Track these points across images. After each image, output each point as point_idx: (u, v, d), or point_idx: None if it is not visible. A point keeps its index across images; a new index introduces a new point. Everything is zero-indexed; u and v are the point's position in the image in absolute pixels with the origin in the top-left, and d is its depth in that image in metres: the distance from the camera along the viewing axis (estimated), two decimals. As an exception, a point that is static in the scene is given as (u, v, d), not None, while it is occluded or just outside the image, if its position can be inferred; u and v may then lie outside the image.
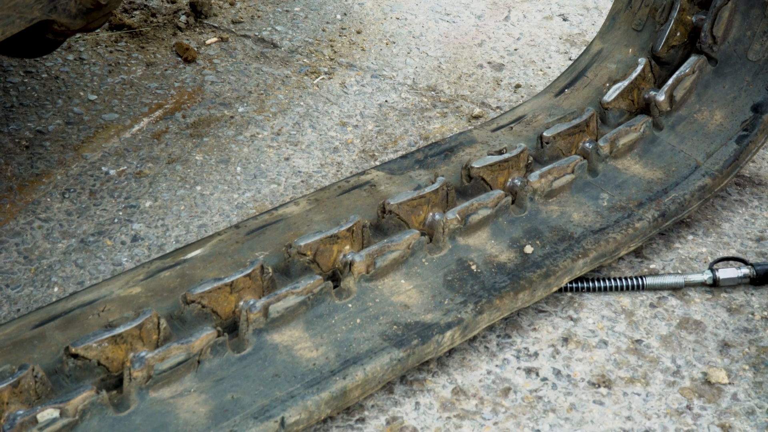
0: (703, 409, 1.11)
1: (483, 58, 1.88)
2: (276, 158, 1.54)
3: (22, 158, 1.50)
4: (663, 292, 1.28)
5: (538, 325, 1.22)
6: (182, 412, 0.95)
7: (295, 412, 0.97)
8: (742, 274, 1.28)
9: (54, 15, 1.12)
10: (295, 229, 1.20)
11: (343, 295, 1.10)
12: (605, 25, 1.55)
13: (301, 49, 1.88)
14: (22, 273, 1.28)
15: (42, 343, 1.00)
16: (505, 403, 1.11)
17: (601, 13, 2.07)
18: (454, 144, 1.39)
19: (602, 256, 1.23)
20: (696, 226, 1.40)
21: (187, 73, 1.77)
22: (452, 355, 1.17)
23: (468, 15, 2.05)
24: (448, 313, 1.10)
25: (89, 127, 1.59)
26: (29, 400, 0.92)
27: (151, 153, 1.54)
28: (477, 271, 1.16)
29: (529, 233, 1.23)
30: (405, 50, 1.90)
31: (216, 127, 1.62)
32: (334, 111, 1.69)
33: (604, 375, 1.15)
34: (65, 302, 1.06)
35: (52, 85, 1.69)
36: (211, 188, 1.46)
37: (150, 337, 1.00)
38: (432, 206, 1.21)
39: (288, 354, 1.03)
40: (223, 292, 1.05)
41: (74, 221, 1.38)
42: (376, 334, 1.07)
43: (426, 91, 1.76)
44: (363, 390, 1.03)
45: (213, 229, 1.37)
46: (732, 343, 1.20)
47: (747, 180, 1.51)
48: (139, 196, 1.43)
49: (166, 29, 1.90)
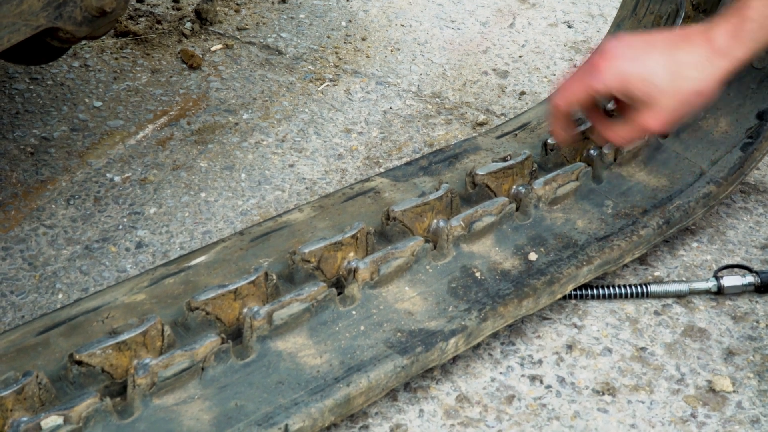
0: (707, 417, 1.11)
1: (488, 65, 1.89)
2: (280, 165, 1.55)
3: (27, 165, 1.50)
4: (667, 299, 1.27)
5: (542, 332, 1.22)
6: (186, 419, 0.95)
7: (298, 420, 0.97)
8: (747, 282, 1.27)
9: (59, 22, 1.13)
10: (300, 235, 1.20)
11: (347, 302, 1.10)
12: (610, 32, 1.55)
13: (306, 56, 1.88)
14: (26, 279, 1.28)
15: (46, 350, 1.00)
16: (509, 410, 1.11)
17: (606, 20, 2.07)
18: (458, 151, 1.39)
19: (606, 264, 1.22)
20: (700, 233, 1.40)
21: (192, 79, 1.78)
22: (456, 362, 1.17)
23: (473, 22, 2.05)
24: (452, 320, 1.10)
25: (94, 134, 1.60)
26: (33, 407, 0.92)
27: (156, 160, 1.54)
28: (481, 278, 1.16)
29: (534, 240, 1.23)
30: (410, 57, 1.91)
31: (221, 133, 1.62)
32: (338, 118, 1.69)
33: (609, 383, 1.15)
34: (69, 309, 1.06)
35: (57, 92, 1.70)
36: (215, 195, 1.47)
37: (154, 343, 1.00)
38: (436, 213, 1.21)
39: (292, 361, 1.03)
40: (227, 299, 1.05)
41: (79, 228, 1.38)
42: (380, 341, 1.06)
43: (430, 98, 1.76)
44: (367, 397, 1.03)
45: (217, 235, 1.37)
46: (737, 351, 1.20)
47: (752, 187, 1.51)
48: (143, 202, 1.44)
49: (172, 36, 1.90)
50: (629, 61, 1.13)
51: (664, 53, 1.12)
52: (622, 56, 1.14)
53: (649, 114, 1.13)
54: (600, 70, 1.14)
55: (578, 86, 1.16)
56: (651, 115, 1.13)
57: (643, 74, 1.12)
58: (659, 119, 1.13)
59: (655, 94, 1.12)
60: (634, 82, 1.12)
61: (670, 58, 1.12)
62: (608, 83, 1.14)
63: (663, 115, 1.13)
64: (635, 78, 1.12)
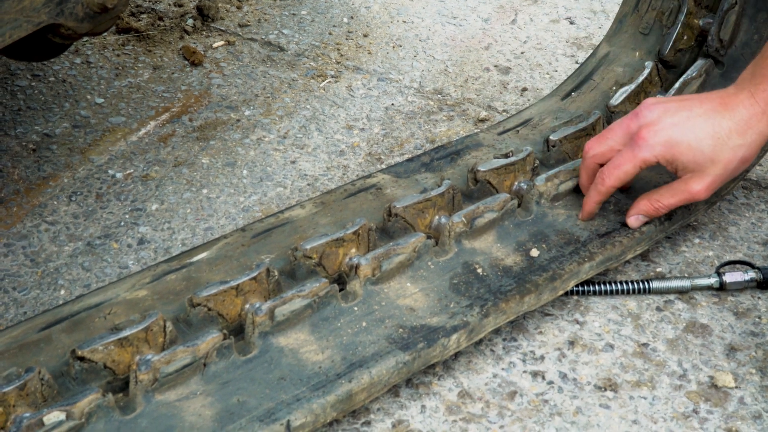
0: (709, 413, 1.11)
1: (489, 62, 1.88)
2: (282, 161, 1.55)
3: (29, 161, 1.50)
4: (669, 295, 1.27)
5: (544, 328, 1.22)
6: (188, 415, 0.95)
7: (300, 415, 0.97)
8: (749, 278, 1.27)
9: (61, 19, 1.13)
10: (301, 232, 1.20)
11: (349, 298, 1.10)
12: (612, 28, 1.55)
13: (308, 53, 1.88)
14: (28, 276, 1.28)
15: (48, 346, 1.01)
16: (511, 406, 1.11)
17: (608, 16, 2.07)
18: (460, 147, 1.39)
19: (608, 260, 1.22)
20: (703, 229, 1.40)
21: (193, 76, 1.77)
22: (458, 358, 1.17)
23: (475, 18, 2.05)
24: (454, 316, 1.10)
25: (96, 131, 1.60)
26: (35, 403, 0.92)
27: (158, 156, 1.54)
28: (483, 274, 1.16)
29: (535, 236, 1.23)
30: (411, 53, 1.91)
31: (222, 130, 1.62)
32: (340, 114, 1.69)
33: (611, 378, 1.15)
34: (71, 305, 1.06)
35: (59, 89, 1.70)
36: (217, 191, 1.47)
37: (156, 340, 1.00)
38: (438, 209, 1.21)
39: (294, 357, 1.03)
40: (229, 295, 1.05)
41: (81, 224, 1.38)
42: (382, 337, 1.06)
43: (432, 95, 1.76)
44: (369, 393, 1.03)
45: (219, 232, 1.37)
46: (739, 346, 1.20)
47: (754, 183, 1.51)
48: (145, 199, 1.44)
49: (173, 33, 1.90)
50: (674, 128, 1.13)
51: (707, 120, 1.12)
52: (665, 124, 1.14)
53: (695, 181, 1.14)
54: (647, 141, 1.14)
55: (628, 162, 1.16)
56: (697, 182, 1.14)
57: (690, 142, 1.12)
58: (705, 186, 1.14)
59: (703, 161, 1.12)
60: (682, 150, 1.12)
61: (714, 124, 1.12)
62: (658, 153, 1.13)
63: (708, 182, 1.14)
64: (683, 146, 1.12)
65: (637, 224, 1.23)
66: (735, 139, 1.12)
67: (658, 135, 1.14)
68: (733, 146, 1.12)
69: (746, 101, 1.12)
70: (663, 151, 1.13)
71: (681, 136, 1.13)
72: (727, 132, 1.12)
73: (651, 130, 1.14)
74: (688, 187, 1.15)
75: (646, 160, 1.15)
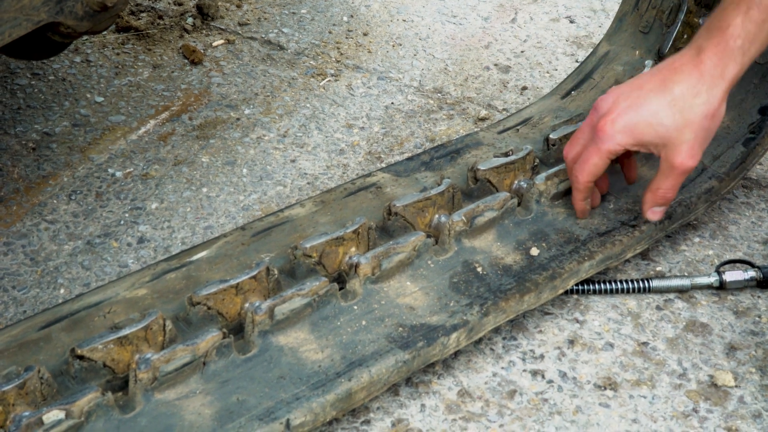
0: (709, 412, 1.11)
1: (489, 60, 1.88)
2: (282, 160, 1.55)
3: (28, 160, 1.50)
4: (669, 294, 1.27)
5: (543, 327, 1.22)
6: (188, 414, 0.95)
7: (300, 414, 0.97)
8: (749, 277, 1.27)
9: (61, 17, 1.13)
10: (301, 230, 1.20)
11: (349, 297, 1.10)
12: (612, 27, 1.54)
13: (308, 51, 1.88)
14: (28, 275, 1.28)
15: (48, 345, 1.00)
16: (511, 405, 1.11)
17: (608, 15, 2.07)
18: (460, 146, 1.39)
19: (608, 259, 1.22)
20: (703, 228, 1.40)
21: (193, 75, 1.77)
22: (458, 357, 1.17)
23: (474, 17, 2.05)
24: (453, 315, 1.10)
25: (96, 129, 1.60)
26: (35, 402, 0.92)
27: (158, 155, 1.54)
28: (483, 273, 1.16)
29: (535, 235, 1.23)
30: (411, 52, 1.91)
31: (222, 129, 1.62)
32: (340, 113, 1.69)
33: (610, 377, 1.15)
34: (71, 304, 1.06)
35: (59, 87, 1.70)
36: (217, 190, 1.47)
37: (156, 338, 1.00)
38: (438, 208, 1.21)
39: (293, 356, 1.03)
40: (228, 294, 1.05)
41: (80, 223, 1.38)
42: (382, 336, 1.06)
43: (432, 93, 1.76)
44: (368, 392, 1.03)
45: (219, 230, 1.37)
46: (739, 345, 1.20)
47: (754, 182, 1.51)
48: (145, 197, 1.44)
49: (173, 31, 1.90)
50: (629, 112, 1.13)
51: (659, 93, 1.12)
52: (620, 110, 1.13)
53: (673, 154, 1.13)
54: (606, 132, 1.14)
55: (594, 155, 1.16)
56: (676, 155, 1.13)
57: (647, 119, 1.12)
58: (685, 154, 1.12)
59: (668, 133, 1.12)
60: (643, 129, 1.12)
61: (667, 95, 1.11)
62: (620, 141, 1.13)
63: (686, 150, 1.12)
64: (642, 126, 1.12)
65: (657, 216, 1.22)
66: (691, 100, 1.10)
67: (615, 123, 1.13)
68: (693, 106, 1.10)
69: (693, 60, 1.11)
70: (624, 138, 1.13)
71: (638, 118, 1.12)
72: (681, 97, 1.11)
73: (608, 120, 1.14)
74: (671, 163, 1.14)
75: (611, 150, 1.14)
